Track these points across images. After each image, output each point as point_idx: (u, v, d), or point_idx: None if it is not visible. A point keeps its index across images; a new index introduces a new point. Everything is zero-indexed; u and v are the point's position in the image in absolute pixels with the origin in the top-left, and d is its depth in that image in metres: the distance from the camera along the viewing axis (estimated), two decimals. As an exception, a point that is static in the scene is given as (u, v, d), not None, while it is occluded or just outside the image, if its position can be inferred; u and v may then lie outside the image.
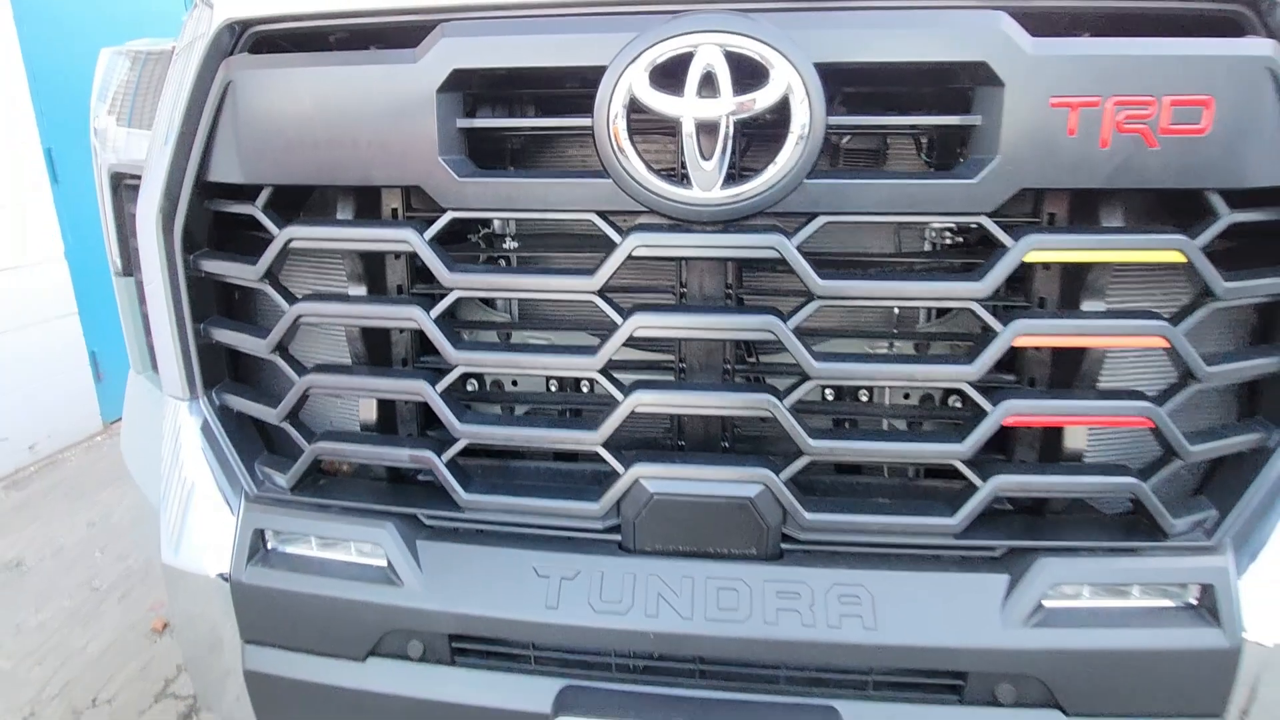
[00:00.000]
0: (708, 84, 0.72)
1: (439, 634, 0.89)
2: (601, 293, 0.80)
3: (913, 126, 0.83)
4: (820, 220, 0.76)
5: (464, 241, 1.01)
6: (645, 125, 0.76)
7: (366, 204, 0.90)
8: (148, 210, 0.91)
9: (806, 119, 0.72)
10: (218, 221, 0.92)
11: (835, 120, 0.74)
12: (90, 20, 3.13)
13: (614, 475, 0.86)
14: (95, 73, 1.09)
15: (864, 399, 0.96)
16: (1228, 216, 0.75)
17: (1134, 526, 0.85)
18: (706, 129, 0.73)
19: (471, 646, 0.90)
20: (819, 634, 0.82)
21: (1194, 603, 0.83)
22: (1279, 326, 0.84)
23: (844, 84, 0.78)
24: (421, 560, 0.89)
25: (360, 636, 0.90)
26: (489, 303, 1.04)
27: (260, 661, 0.94)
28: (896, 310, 0.97)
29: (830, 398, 0.96)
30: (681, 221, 0.77)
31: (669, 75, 0.73)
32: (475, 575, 0.88)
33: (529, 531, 0.90)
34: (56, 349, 2.96)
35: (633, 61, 0.72)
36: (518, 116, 0.91)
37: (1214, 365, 0.78)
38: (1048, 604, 0.84)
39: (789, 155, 0.73)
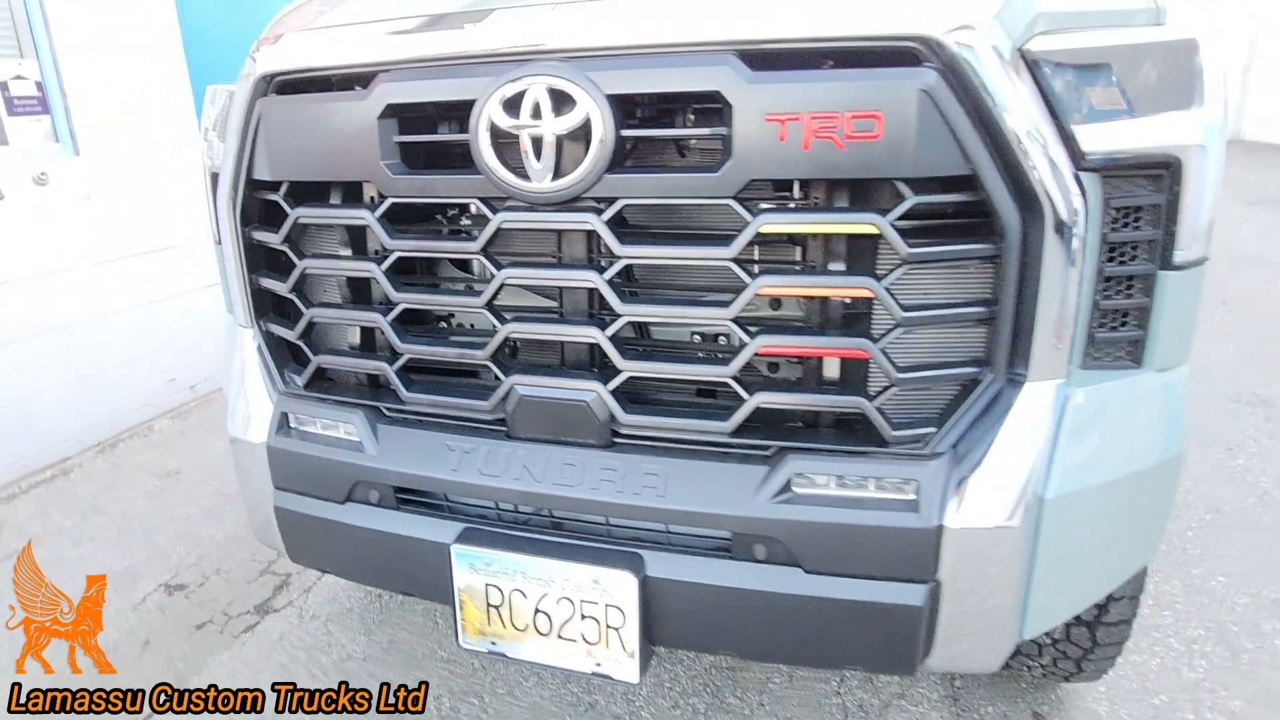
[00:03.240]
0: (537, 110, 1.07)
1: (387, 486, 1.30)
2: (483, 253, 1.17)
3: (679, 137, 1.13)
4: (620, 202, 1.09)
5: (431, 221, 1.42)
6: (505, 138, 1.11)
7: (351, 193, 1.32)
8: (223, 197, 1.38)
9: (603, 132, 1.05)
10: (263, 205, 1.37)
11: (626, 132, 1.07)
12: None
13: (499, 383, 1.23)
14: (204, 103, 1.58)
15: (689, 339, 1.27)
16: (911, 199, 1.00)
17: (868, 436, 1.11)
18: (537, 140, 1.08)
19: (408, 497, 1.31)
20: (625, 498, 1.15)
21: (903, 495, 1.08)
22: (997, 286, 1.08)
23: (636, 106, 1.10)
24: (379, 436, 1.31)
25: (340, 486, 1.33)
26: (465, 268, 1.42)
27: (284, 501, 1.40)
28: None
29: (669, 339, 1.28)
30: (529, 204, 1.13)
31: (515, 105, 1.08)
32: (410, 448, 1.29)
33: (447, 420, 1.30)
34: (212, 310, 3.71)
35: (490, 96, 1.08)
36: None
37: (909, 312, 1.03)
38: (798, 489, 1.12)
39: (592, 157, 1.06)
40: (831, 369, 1.14)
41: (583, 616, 1.18)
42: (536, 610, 1.21)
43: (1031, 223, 1.02)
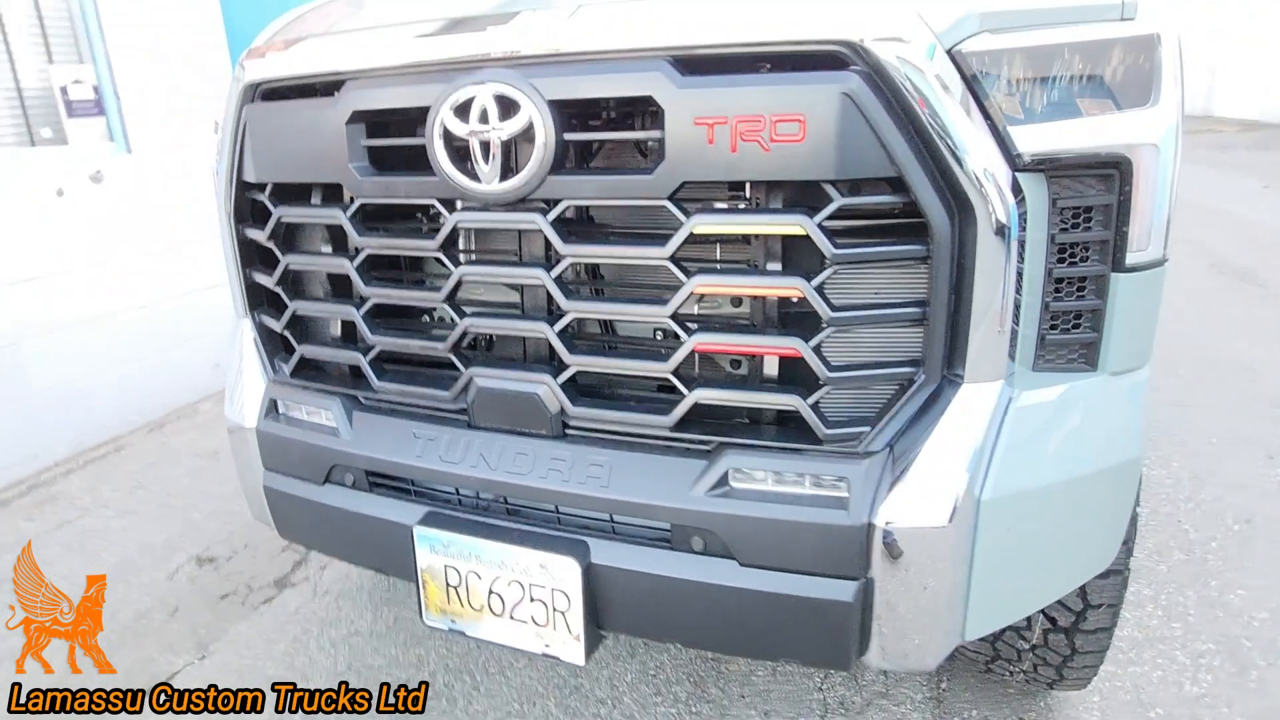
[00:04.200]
0: (485, 115, 1.12)
1: (360, 470, 1.38)
2: (443, 251, 1.23)
3: (615, 140, 1.16)
4: (565, 203, 1.14)
5: (409, 220, 1.49)
6: (459, 142, 1.17)
7: (332, 194, 1.40)
8: (219, 197, 1.48)
9: (544, 136, 1.10)
10: (252, 205, 1.47)
11: (568, 136, 1.11)
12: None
13: (460, 374, 1.29)
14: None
15: (644, 336, 1.31)
16: (838, 200, 1.02)
17: (803, 434, 1.13)
18: (485, 144, 1.13)
19: (379, 480, 1.38)
20: (571, 487, 1.20)
21: (834, 493, 1.10)
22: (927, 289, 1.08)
23: (580, 111, 1.14)
24: (353, 423, 1.39)
25: (320, 468, 1.42)
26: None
27: (273, 481, 1.50)
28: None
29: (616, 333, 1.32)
30: (482, 205, 1.18)
31: (465, 110, 1.14)
32: (381, 434, 1.37)
33: (416, 409, 1.37)
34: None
35: (443, 103, 1.14)
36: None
37: (838, 312, 1.04)
38: (735, 484, 1.15)
39: (535, 160, 1.11)
40: (772, 367, 1.16)
41: (531, 599, 1.24)
42: (490, 592, 1.27)
43: (964, 225, 1.02)
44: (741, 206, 1.12)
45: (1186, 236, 6.62)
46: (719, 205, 1.12)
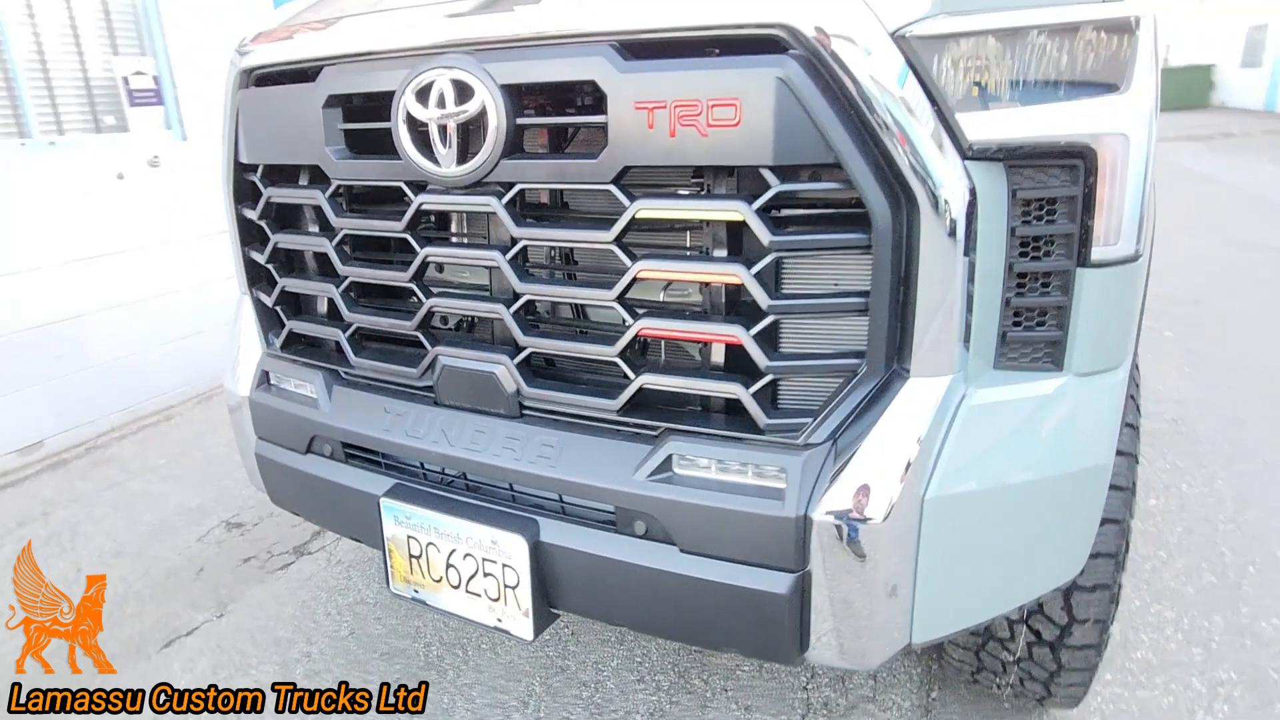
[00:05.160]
0: (443, 100, 1.15)
1: (337, 441, 1.44)
2: (407, 230, 1.27)
3: (564, 124, 1.16)
4: (518, 187, 1.16)
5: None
6: (422, 126, 1.20)
7: (316, 176, 1.46)
8: (221, 179, 1.56)
9: (498, 121, 1.12)
10: (249, 185, 1.54)
11: (520, 120, 1.13)
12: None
13: (427, 352, 1.33)
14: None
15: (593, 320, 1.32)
16: (777, 187, 1.00)
17: (747, 424, 1.12)
18: (443, 128, 1.16)
19: (353, 452, 1.44)
20: (522, 465, 1.22)
21: (771, 483, 1.08)
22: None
23: (536, 97, 1.15)
24: (332, 396, 1.45)
25: (302, 438, 1.49)
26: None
27: (263, 449, 1.58)
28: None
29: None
30: (445, 188, 1.21)
31: (426, 95, 1.17)
32: (356, 408, 1.42)
33: (389, 386, 1.41)
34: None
35: (406, 87, 1.17)
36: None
37: (775, 300, 1.03)
38: (678, 470, 1.15)
39: (489, 144, 1.13)
40: (720, 355, 1.16)
41: (484, 574, 1.27)
42: (448, 564, 1.31)
43: (907, 215, 0.99)
44: (685, 192, 1.12)
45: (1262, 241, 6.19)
46: (665, 190, 1.12)
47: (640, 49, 1.04)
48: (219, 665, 2.08)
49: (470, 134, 1.15)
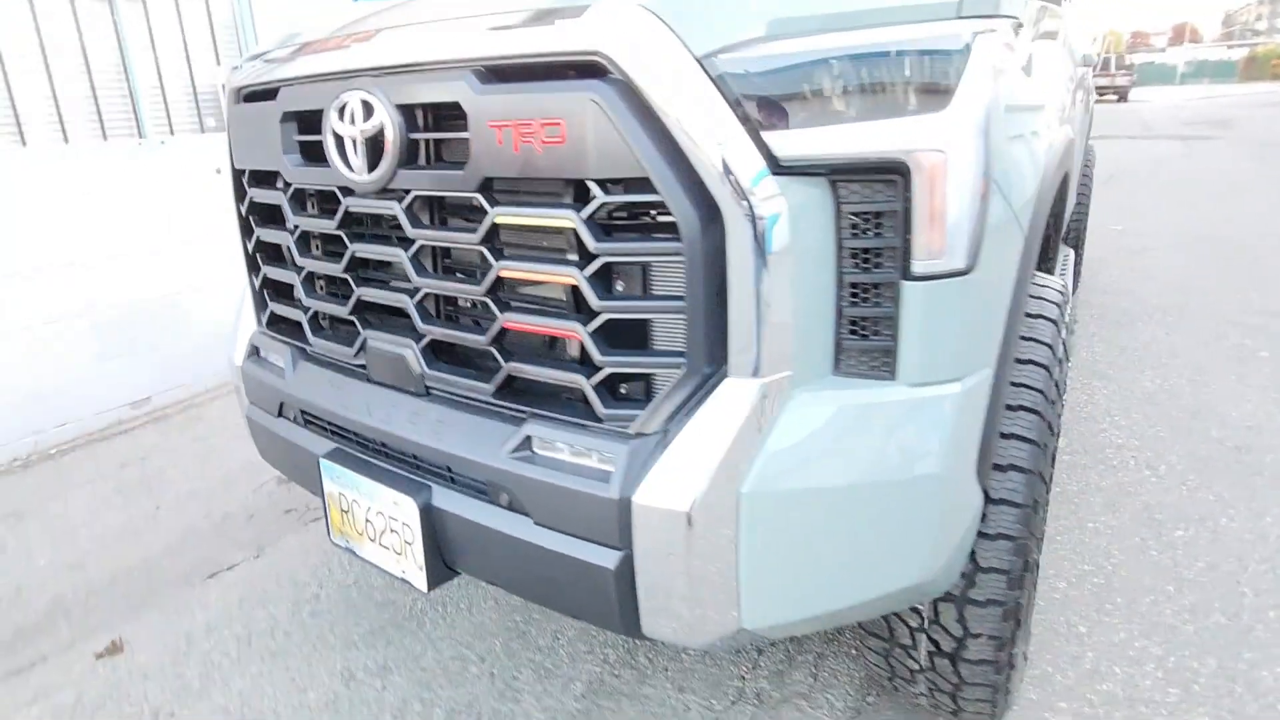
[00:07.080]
0: (354, 118, 1.33)
1: (298, 409, 1.67)
2: (340, 228, 1.47)
3: (440, 139, 1.28)
4: (413, 193, 1.32)
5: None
6: (343, 140, 1.38)
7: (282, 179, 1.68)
8: (226, 181, 1.83)
9: (394, 135, 1.28)
10: (241, 187, 1.80)
11: (413, 135, 1.29)
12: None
13: (360, 334, 1.53)
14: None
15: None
16: (601, 197, 1.10)
17: (591, 412, 1.22)
18: (354, 141, 1.34)
19: (308, 418, 1.67)
20: (415, 436, 1.39)
21: (603, 467, 1.19)
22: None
23: (427, 114, 1.30)
24: (296, 369, 1.69)
25: (274, 404, 1.74)
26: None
27: (252, 413, 1.85)
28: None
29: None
30: (362, 193, 1.40)
31: (343, 113, 1.35)
32: (310, 380, 1.64)
33: (336, 363, 1.63)
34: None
35: (329, 106, 1.37)
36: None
37: (603, 300, 1.13)
38: (536, 450, 1.27)
39: (389, 155, 1.30)
40: (575, 349, 1.27)
41: (390, 531, 1.45)
42: (366, 520, 1.50)
43: (715, 226, 1.06)
44: (532, 201, 1.23)
45: None
46: (521, 199, 1.24)
47: (499, 74, 1.17)
48: (245, 597, 2.42)
49: (377, 147, 1.32)
